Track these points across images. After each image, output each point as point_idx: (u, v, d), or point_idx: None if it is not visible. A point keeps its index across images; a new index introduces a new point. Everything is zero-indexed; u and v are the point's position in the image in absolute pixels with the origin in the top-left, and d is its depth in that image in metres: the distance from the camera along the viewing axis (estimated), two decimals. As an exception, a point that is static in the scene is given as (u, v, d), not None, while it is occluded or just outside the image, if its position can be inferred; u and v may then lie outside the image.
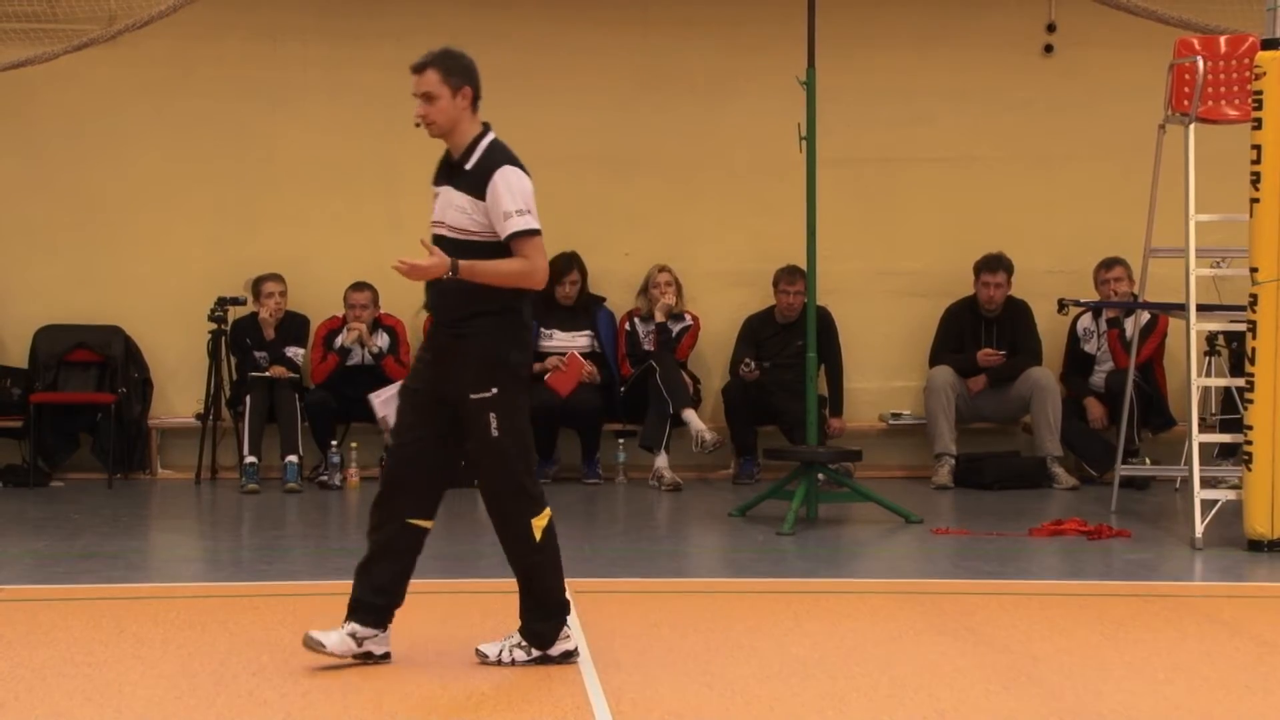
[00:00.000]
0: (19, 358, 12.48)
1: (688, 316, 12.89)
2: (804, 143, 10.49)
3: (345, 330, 12.42)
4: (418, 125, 6.57)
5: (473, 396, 6.43)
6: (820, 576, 9.17)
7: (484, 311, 6.45)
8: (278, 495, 11.78)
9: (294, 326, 12.50)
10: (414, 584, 6.81)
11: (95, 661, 6.80)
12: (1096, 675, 6.64)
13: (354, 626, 6.61)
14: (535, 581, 6.69)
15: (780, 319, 12.89)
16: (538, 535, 6.61)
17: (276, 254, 12.58)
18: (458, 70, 6.55)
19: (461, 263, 6.39)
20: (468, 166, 6.53)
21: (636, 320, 12.78)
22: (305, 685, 6.45)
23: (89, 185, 12.58)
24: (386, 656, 6.69)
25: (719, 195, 13.23)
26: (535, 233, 6.48)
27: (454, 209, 6.51)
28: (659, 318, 12.66)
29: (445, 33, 12.77)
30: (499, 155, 6.55)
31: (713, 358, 13.20)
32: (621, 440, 12.64)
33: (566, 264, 12.75)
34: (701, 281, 13.05)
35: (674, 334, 12.72)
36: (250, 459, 11.92)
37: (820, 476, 10.81)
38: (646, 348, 12.64)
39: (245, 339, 12.39)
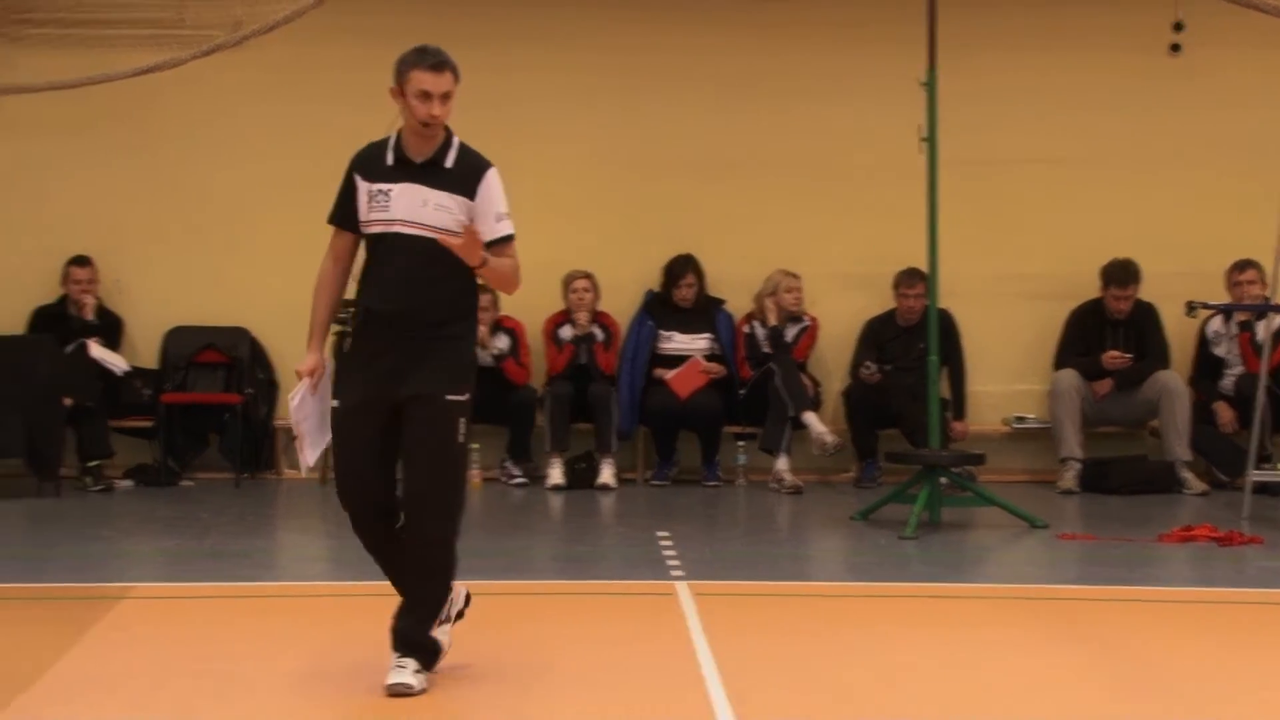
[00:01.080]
0: (150, 359, 12.66)
1: (806, 318, 12.83)
2: (924, 144, 10.40)
3: None
4: (425, 125, 6.35)
5: (448, 398, 6.24)
6: (943, 581, 9.09)
7: (466, 314, 6.36)
8: (400, 496, 11.85)
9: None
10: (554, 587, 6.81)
11: (224, 659, 6.87)
12: (1226, 684, 6.53)
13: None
14: (440, 591, 6.41)
15: (901, 322, 12.80)
16: (455, 551, 6.42)
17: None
18: (458, 73, 6.57)
19: (490, 257, 6.29)
20: (447, 165, 6.37)
21: (756, 323, 12.74)
22: (431, 682, 6.48)
23: (216, 189, 12.73)
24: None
25: (838, 197, 13.15)
26: (512, 238, 6.50)
27: (434, 208, 6.28)
28: (772, 321, 12.60)
29: (554, 37, 12.93)
30: (479, 156, 6.47)
31: (832, 360, 13.13)
32: (742, 443, 12.61)
33: (683, 266, 12.74)
34: (821, 283, 12.98)
35: (789, 337, 12.66)
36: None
37: (943, 480, 10.71)
38: (766, 350, 12.60)
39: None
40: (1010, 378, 13.13)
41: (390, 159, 6.39)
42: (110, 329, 12.41)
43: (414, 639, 6.31)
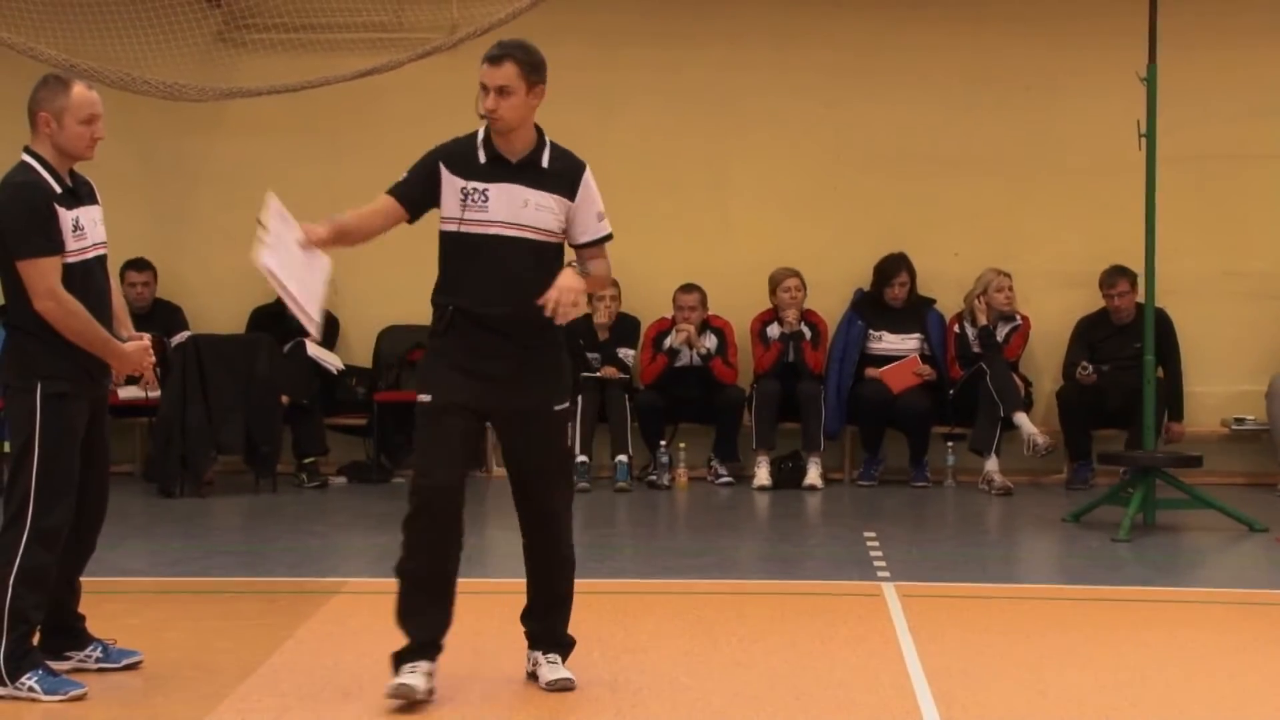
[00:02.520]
0: (364, 357, 12.88)
1: (1018, 317, 12.64)
2: (1143, 140, 10.19)
3: (674, 332, 12.51)
4: (482, 117, 6.12)
5: (556, 408, 6.23)
6: (1158, 585, 8.89)
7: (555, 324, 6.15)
8: (608, 494, 11.93)
9: (625, 328, 12.65)
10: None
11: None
12: None
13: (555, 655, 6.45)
14: (572, 589, 6.49)
15: (1115, 320, 12.54)
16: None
17: (611, 254, 12.70)
18: (537, 67, 6.23)
19: (591, 265, 6.29)
20: (544, 165, 6.20)
21: (966, 322, 12.58)
22: (637, 682, 6.51)
23: (431, 191, 12.90)
24: None
25: (1052, 194, 12.94)
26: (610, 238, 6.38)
27: (535, 209, 6.15)
28: (982, 321, 12.43)
29: (772, 35, 12.90)
30: (574, 155, 6.33)
31: (1044, 359, 12.92)
32: (951, 443, 12.47)
33: (895, 265, 12.64)
34: (1034, 282, 12.77)
35: (1001, 336, 12.48)
36: (581, 458, 12.09)
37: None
38: (976, 350, 12.44)
39: (578, 340, 12.58)
40: (1229, 378, 12.79)
41: (483, 157, 6.20)
42: (327, 329, 12.64)
43: (561, 637, 6.45)
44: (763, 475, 12.18)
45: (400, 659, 6.18)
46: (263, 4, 12.03)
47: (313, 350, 12.33)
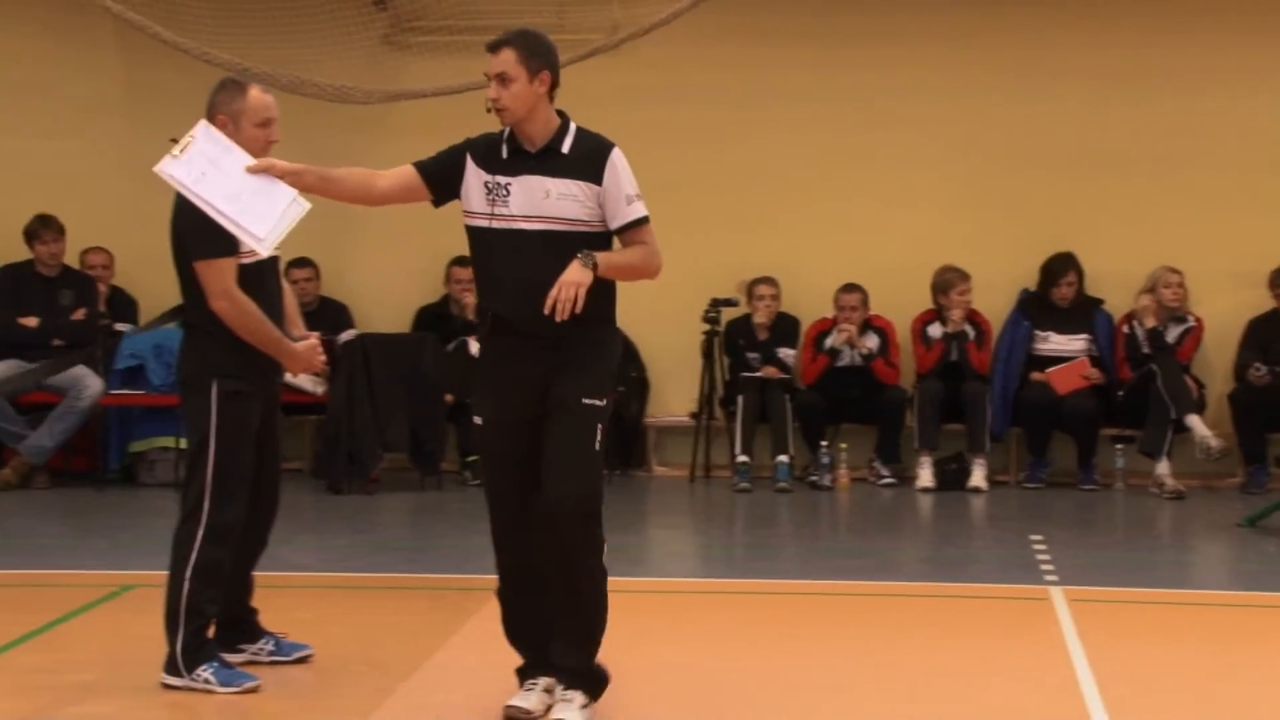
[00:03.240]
0: (525, 356, 12.97)
1: (1190, 318, 12.42)
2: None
3: (835, 331, 12.47)
4: (489, 110, 5.81)
5: (585, 401, 5.75)
6: (1336, 593, 8.70)
7: (606, 316, 5.85)
8: (769, 494, 11.92)
9: (785, 328, 12.63)
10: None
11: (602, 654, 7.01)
12: None
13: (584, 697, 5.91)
14: (594, 612, 5.95)
15: (1289, 320, 12.30)
16: (604, 559, 5.93)
17: (767, 256, 12.73)
18: (538, 52, 5.82)
19: (599, 255, 5.73)
20: (564, 151, 5.80)
21: (1135, 323, 12.39)
22: (796, 680, 6.51)
23: (589, 190, 12.95)
24: None
25: (1220, 192, 12.69)
26: (647, 220, 5.96)
27: (557, 197, 5.75)
28: (1151, 322, 12.23)
29: (930, 32, 12.78)
30: (601, 137, 5.87)
31: (1216, 360, 12.69)
32: (1120, 446, 12.28)
33: (1063, 265, 12.48)
34: (1203, 281, 12.55)
35: (1172, 338, 12.27)
36: (742, 458, 12.09)
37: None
38: (1146, 351, 12.24)
39: (738, 340, 12.59)
40: None
41: (505, 151, 5.87)
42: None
43: (576, 667, 5.92)
44: (925, 476, 12.10)
45: (520, 675, 6.11)
46: (428, 7, 12.17)
47: (476, 349, 12.44)
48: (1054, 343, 12.45)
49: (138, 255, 11.80)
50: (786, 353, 12.56)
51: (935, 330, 12.43)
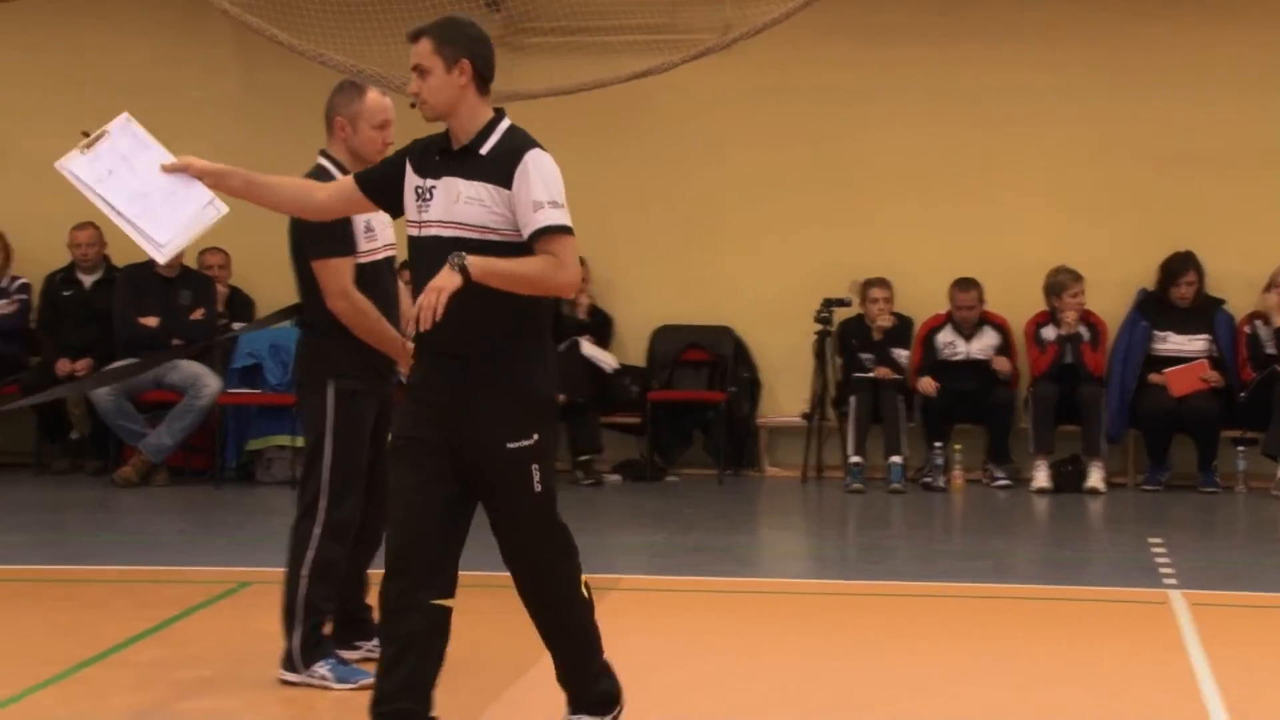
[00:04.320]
0: (638, 357, 13.01)
1: (1316, 319, 12.22)
2: None
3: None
4: (412, 106, 5.28)
5: (509, 446, 5.21)
6: None
7: (516, 333, 5.22)
8: (882, 495, 11.87)
9: (899, 328, 12.56)
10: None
11: (704, 652, 7.03)
12: None
13: None
14: (585, 641, 5.62)
15: None
16: (586, 590, 5.55)
17: (879, 255, 12.67)
18: (455, 40, 5.22)
19: (473, 258, 5.04)
20: (482, 151, 5.19)
21: (1258, 322, 12.20)
22: (910, 681, 6.47)
23: (700, 190, 12.98)
24: None
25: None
26: (568, 230, 5.18)
27: (466, 202, 5.16)
28: (1277, 322, 12.04)
29: (1047, 30, 12.65)
30: (525, 138, 5.24)
31: (1341, 362, 12.47)
32: (1241, 448, 12.10)
33: (1182, 264, 12.32)
34: (1329, 281, 12.34)
35: (1296, 338, 12.10)
36: (855, 459, 12.05)
37: None
38: (1270, 351, 12.05)
39: (851, 340, 12.54)
40: None
41: (437, 152, 5.30)
42: (601, 328, 12.82)
43: (578, 690, 5.70)
44: (1041, 478, 11.99)
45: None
46: (540, 8, 12.22)
47: (587, 349, 12.50)
48: (1173, 343, 12.29)
49: (254, 255, 11.92)
50: (900, 353, 12.50)
51: (1049, 332, 12.31)
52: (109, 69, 12.69)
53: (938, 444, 12.13)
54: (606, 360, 12.63)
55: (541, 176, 5.17)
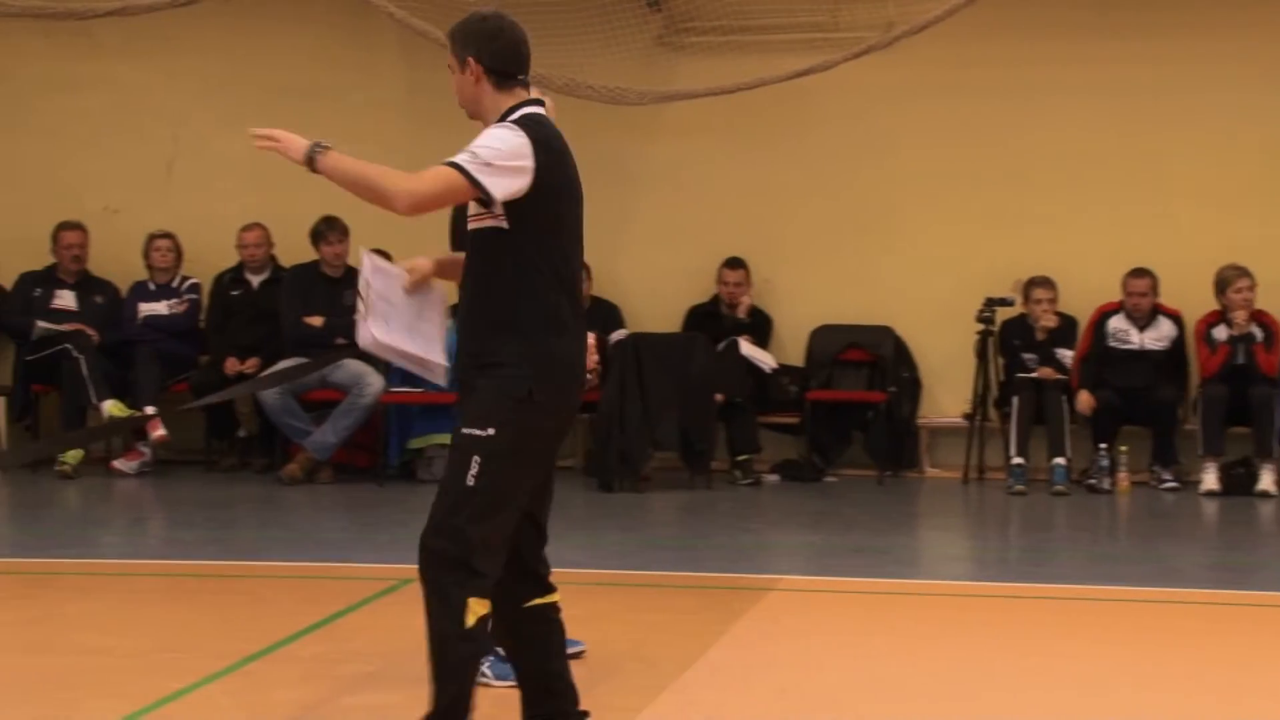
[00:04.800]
0: (797, 356, 12.97)
1: None
2: None
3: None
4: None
5: (463, 430, 5.05)
6: None
7: (506, 325, 5.07)
8: (1045, 497, 11.71)
9: (1063, 328, 12.38)
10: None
11: (864, 654, 6.99)
12: None
13: None
14: (451, 679, 5.10)
15: None
16: (470, 619, 5.02)
17: (1042, 254, 12.51)
18: (461, 40, 5.19)
19: (331, 153, 4.99)
20: None
21: None
22: (1073, 685, 6.38)
23: (861, 188, 12.90)
24: None
25: None
26: (456, 167, 4.95)
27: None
28: None
29: (1219, 26, 12.40)
30: (518, 119, 5.12)
31: None
32: None
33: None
34: None
35: None
36: (1018, 460, 11.91)
37: None
38: None
39: (1014, 340, 12.39)
40: None
41: None
42: (760, 327, 12.80)
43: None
44: (1210, 480, 11.75)
45: None
46: (702, 8, 12.22)
47: (746, 349, 12.48)
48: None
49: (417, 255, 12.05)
50: (1064, 354, 12.32)
51: (1220, 333, 12.06)
52: (274, 72, 12.91)
53: (1102, 445, 11.94)
54: (765, 360, 12.60)
55: (484, 135, 5.05)
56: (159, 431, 12.27)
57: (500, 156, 4.97)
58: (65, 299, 12.79)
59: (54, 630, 7.33)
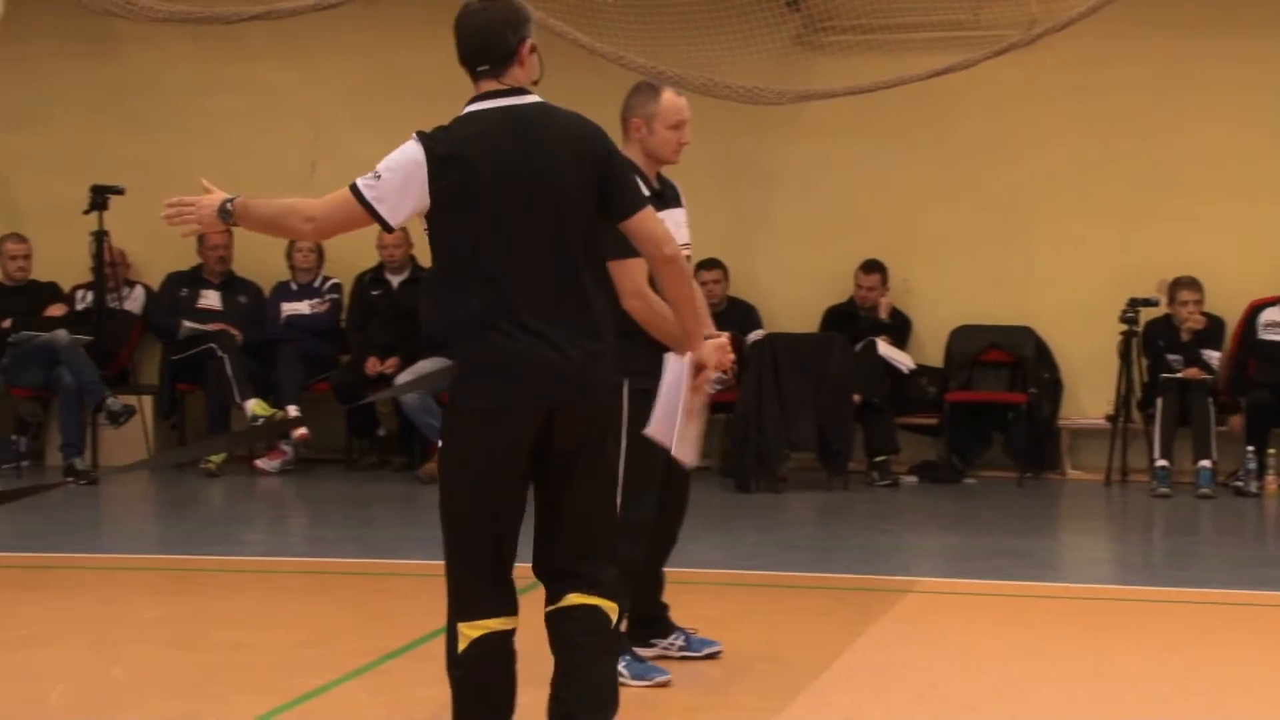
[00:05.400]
0: (935, 357, 12.87)
1: None
2: None
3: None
4: None
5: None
6: None
7: (435, 341, 5.17)
8: (1189, 500, 11.53)
9: (1209, 328, 12.17)
10: None
11: (1005, 657, 6.93)
12: None
13: None
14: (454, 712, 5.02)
15: None
16: (460, 645, 4.91)
17: (1187, 254, 12.31)
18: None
19: (241, 198, 4.91)
20: None
21: None
22: (1214, 689, 6.28)
23: (1001, 188, 12.77)
24: None
25: None
26: (353, 187, 4.83)
27: None
28: None
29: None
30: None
31: None
32: None
33: None
34: None
35: None
36: (1162, 462, 11.73)
37: None
38: None
39: (1158, 340, 12.22)
40: None
41: None
42: (898, 328, 12.72)
43: None
44: None
45: None
46: (841, 6, 12.18)
47: (884, 350, 12.42)
48: None
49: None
50: (1210, 354, 12.13)
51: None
52: (414, 73, 13.00)
53: (1250, 448, 11.73)
54: (903, 361, 12.53)
55: (391, 154, 4.91)
56: (300, 430, 12.46)
57: (389, 166, 4.83)
58: (210, 299, 13.01)
59: (199, 626, 7.46)
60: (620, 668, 6.41)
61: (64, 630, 7.40)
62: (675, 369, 5.25)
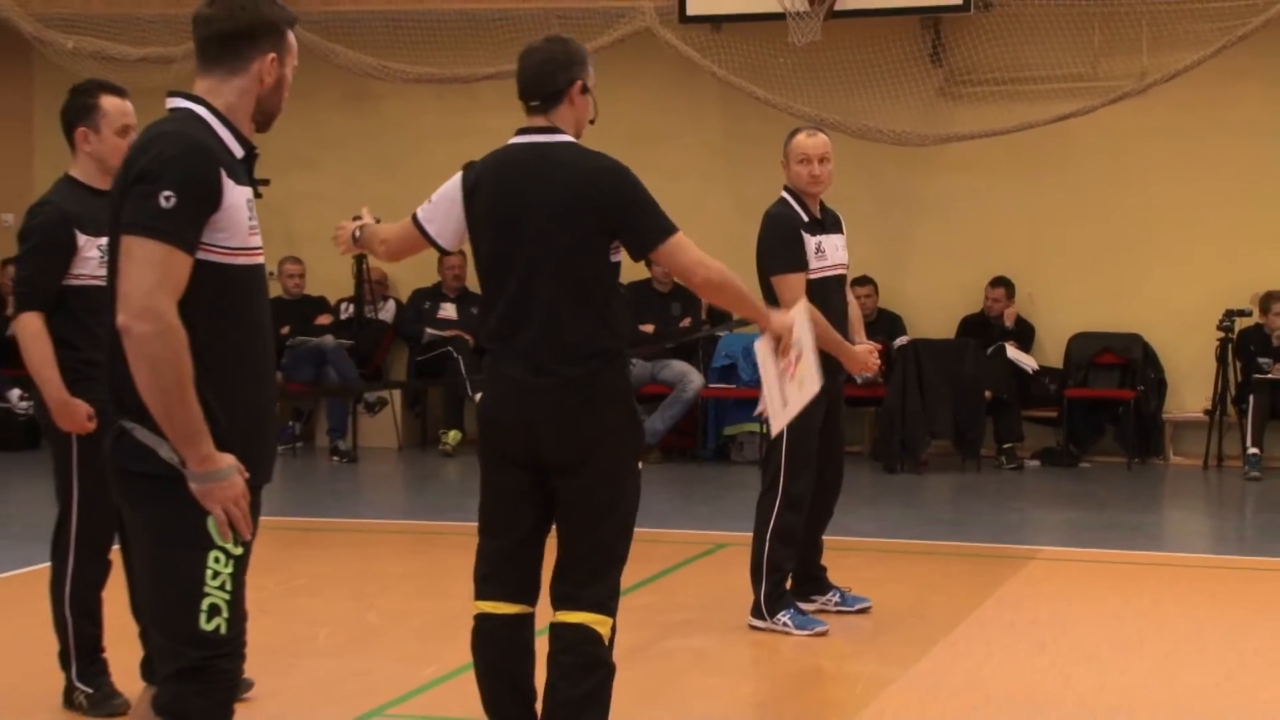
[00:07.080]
0: (1055, 359, 12.65)
1: None
2: None
3: None
4: None
5: None
6: None
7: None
8: (1277, 483, 11.17)
9: (1298, 333, 11.82)
10: None
11: (1116, 616, 6.80)
12: None
13: None
14: None
15: None
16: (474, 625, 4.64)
17: (1276, 271, 11.97)
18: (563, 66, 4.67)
19: (366, 226, 4.84)
20: None
21: None
22: (1261, 651, 6.10)
23: (1114, 215, 12.51)
24: None
25: None
26: (413, 214, 4.66)
27: None
28: None
29: None
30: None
31: None
32: None
33: None
34: None
35: None
36: (1253, 450, 11.40)
37: None
38: None
39: (1250, 346, 11.87)
40: None
41: None
42: (1024, 335, 12.53)
43: None
44: None
45: None
46: (978, 63, 12.04)
47: (1011, 353, 12.25)
48: None
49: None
50: (1298, 355, 11.76)
51: None
52: (616, 120, 12.93)
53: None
54: (1028, 362, 12.34)
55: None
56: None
57: (439, 203, 4.62)
58: (448, 310, 13.19)
59: (440, 580, 7.57)
60: (785, 619, 6.42)
61: (329, 582, 7.57)
62: (762, 348, 4.73)
